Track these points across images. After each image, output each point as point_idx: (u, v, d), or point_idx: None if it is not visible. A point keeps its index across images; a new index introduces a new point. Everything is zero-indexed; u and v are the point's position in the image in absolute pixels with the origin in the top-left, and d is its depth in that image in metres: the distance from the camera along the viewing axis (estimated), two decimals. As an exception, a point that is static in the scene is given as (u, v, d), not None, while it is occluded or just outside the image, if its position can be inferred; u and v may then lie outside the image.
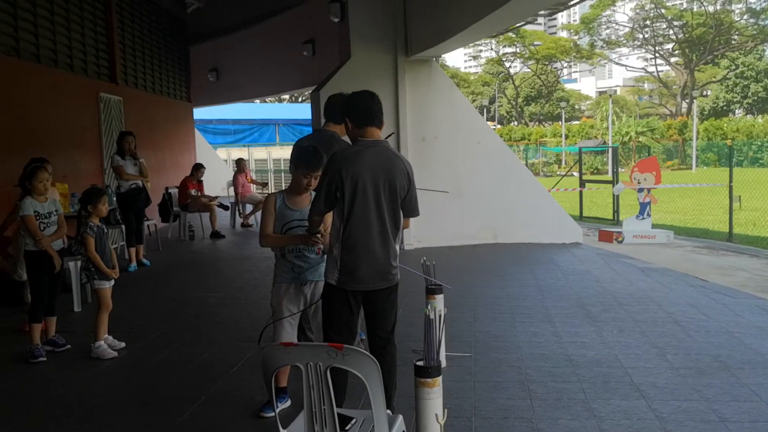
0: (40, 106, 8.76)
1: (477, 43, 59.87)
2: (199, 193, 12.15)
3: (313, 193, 3.93)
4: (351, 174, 3.42)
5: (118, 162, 8.90)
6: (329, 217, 3.93)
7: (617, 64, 66.05)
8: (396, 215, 3.54)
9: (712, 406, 4.09)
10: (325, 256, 3.81)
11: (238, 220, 13.87)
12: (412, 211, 3.64)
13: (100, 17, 11.00)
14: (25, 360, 5.22)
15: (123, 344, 5.55)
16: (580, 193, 15.69)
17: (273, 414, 2.86)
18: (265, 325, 3.98)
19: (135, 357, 5.38)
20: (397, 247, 3.60)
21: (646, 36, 57.54)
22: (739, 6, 53.40)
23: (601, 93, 77.73)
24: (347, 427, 2.74)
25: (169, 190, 12.02)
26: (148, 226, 10.33)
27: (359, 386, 2.58)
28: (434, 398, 2.84)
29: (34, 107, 8.61)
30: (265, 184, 18.27)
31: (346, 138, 4.62)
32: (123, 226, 8.98)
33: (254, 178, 14.40)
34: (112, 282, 5.50)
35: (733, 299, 6.97)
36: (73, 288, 6.81)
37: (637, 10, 57.15)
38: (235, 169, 14.39)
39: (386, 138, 3.78)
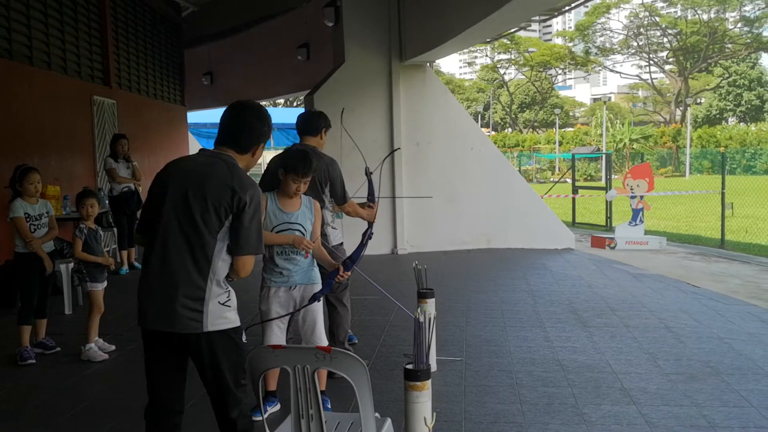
0: (33, 108, 8.72)
1: (472, 49, 60.07)
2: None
3: (303, 197, 3.93)
4: None
5: (110, 165, 8.88)
6: (318, 223, 3.94)
7: (612, 71, 66.17)
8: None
9: (702, 412, 4.10)
10: (315, 261, 3.80)
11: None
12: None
13: (95, 20, 10.98)
14: (14, 362, 5.19)
15: (113, 347, 5.53)
16: (573, 199, 15.72)
17: (261, 418, 2.85)
18: (249, 325, 3.91)
19: (125, 360, 5.35)
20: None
21: (641, 43, 57.78)
22: (733, 14, 53.69)
23: (595, 100, 77.92)
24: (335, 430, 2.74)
25: (162, 194, 11.97)
26: (140, 229, 10.28)
27: (349, 390, 2.57)
28: (423, 402, 2.84)
29: (26, 109, 8.57)
30: None
31: (324, 151, 4.75)
32: (115, 229, 8.96)
33: None
34: (105, 284, 5.48)
35: (725, 305, 6.99)
36: (64, 290, 6.79)
37: (632, 18, 57.40)
38: None
39: (391, 153, 3.72)
